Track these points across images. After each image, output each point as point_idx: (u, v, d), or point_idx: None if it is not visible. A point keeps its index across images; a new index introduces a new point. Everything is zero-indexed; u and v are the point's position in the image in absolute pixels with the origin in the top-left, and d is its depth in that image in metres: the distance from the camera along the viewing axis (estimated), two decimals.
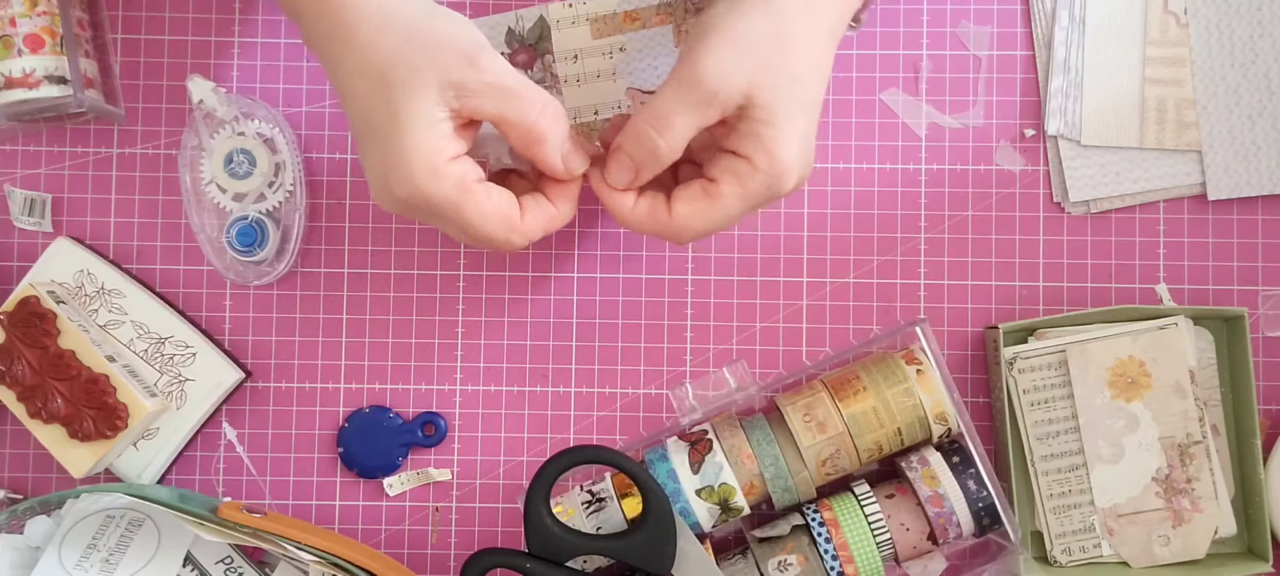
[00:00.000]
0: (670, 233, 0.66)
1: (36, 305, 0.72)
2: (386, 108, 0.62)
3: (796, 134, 0.64)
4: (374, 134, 0.63)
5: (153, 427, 0.75)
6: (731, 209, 0.64)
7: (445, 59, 0.62)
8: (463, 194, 0.62)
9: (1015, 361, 0.75)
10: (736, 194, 0.64)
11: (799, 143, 0.64)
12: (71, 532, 0.71)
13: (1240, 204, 0.77)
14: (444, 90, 0.61)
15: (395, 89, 0.61)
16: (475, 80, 0.62)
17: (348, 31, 0.62)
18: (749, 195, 0.64)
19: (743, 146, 0.63)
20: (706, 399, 0.73)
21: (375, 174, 0.63)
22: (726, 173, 0.64)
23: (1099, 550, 0.75)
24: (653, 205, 0.66)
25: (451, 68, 0.62)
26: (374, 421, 0.76)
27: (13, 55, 0.71)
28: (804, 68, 0.64)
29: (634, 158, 0.65)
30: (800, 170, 0.65)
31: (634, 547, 0.68)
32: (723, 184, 0.64)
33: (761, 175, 0.64)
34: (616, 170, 0.65)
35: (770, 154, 0.63)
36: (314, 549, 0.69)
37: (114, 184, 0.77)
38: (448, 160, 0.62)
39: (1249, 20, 0.77)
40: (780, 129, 0.63)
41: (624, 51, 0.77)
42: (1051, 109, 0.77)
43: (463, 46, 0.62)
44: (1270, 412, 0.77)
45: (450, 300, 0.77)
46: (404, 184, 0.62)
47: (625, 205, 0.66)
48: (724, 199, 0.64)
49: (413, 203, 0.63)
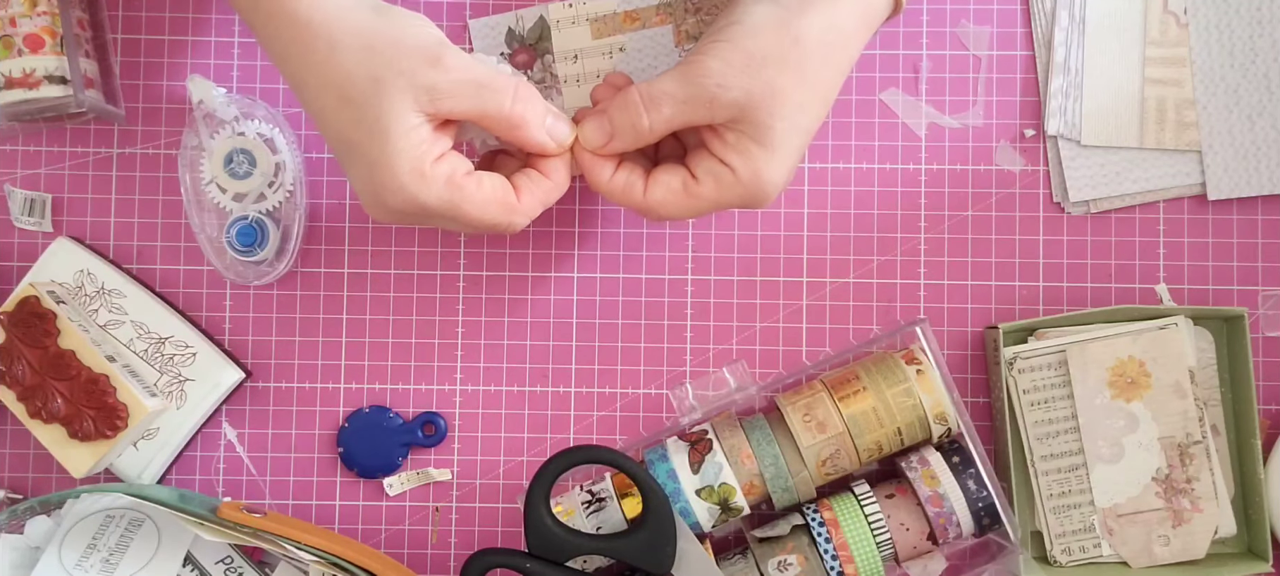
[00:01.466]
0: (641, 210, 0.66)
1: (36, 305, 0.72)
2: (359, 125, 0.61)
3: (786, 160, 0.64)
4: (353, 151, 0.62)
5: (153, 427, 0.75)
6: (704, 208, 0.65)
7: (409, 64, 0.61)
8: (455, 191, 0.62)
9: (1015, 361, 0.75)
10: (712, 197, 0.65)
11: (785, 168, 0.65)
12: (71, 532, 0.71)
13: (1240, 204, 0.77)
14: (417, 95, 0.61)
15: (364, 105, 0.61)
16: (445, 81, 0.61)
17: (302, 49, 0.61)
18: (725, 200, 0.65)
19: (729, 157, 0.64)
20: (706, 399, 0.73)
21: (364, 191, 0.63)
22: (708, 175, 0.65)
23: (1099, 550, 0.75)
24: (629, 181, 0.66)
25: (418, 72, 0.61)
26: (374, 421, 0.76)
27: (13, 55, 0.71)
28: (810, 99, 0.64)
29: (614, 123, 0.65)
30: (781, 189, 0.66)
31: (634, 547, 0.68)
32: (702, 185, 0.65)
33: (742, 188, 0.64)
34: (593, 129, 0.66)
35: (756, 172, 0.64)
36: (314, 549, 0.69)
37: (114, 184, 0.77)
38: (433, 161, 0.62)
39: (1249, 20, 0.77)
40: (771, 151, 0.63)
41: (624, 51, 0.77)
42: (1051, 109, 0.77)
43: (424, 47, 0.61)
44: (1270, 412, 0.77)
45: (450, 300, 0.77)
46: (395, 194, 0.61)
47: (604, 174, 0.66)
48: (700, 199, 0.65)
49: (407, 210, 0.62)
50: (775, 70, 0.62)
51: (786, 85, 0.63)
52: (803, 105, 0.63)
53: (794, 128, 0.64)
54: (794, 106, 0.63)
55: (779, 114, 0.63)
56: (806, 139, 0.65)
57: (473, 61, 0.63)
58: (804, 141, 0.65)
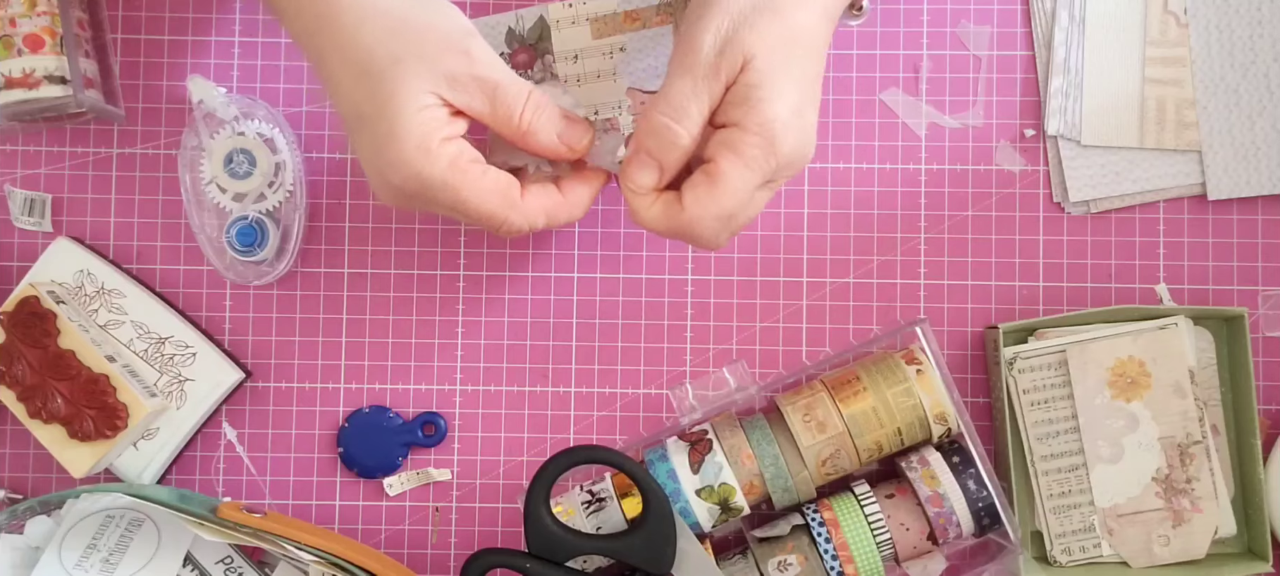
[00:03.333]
0: (687, 228, 0.64)
1: (36, 305, 0.72)
2: (373, 99, 0.62)
3: (786, 94, 0.62)
4: (364, 123, 0.63)
5: (153, 427, 0.75)
6: (736, 185, 0.63)
7: (434, 49, 0.62)
8: (457, 173, 0.62)
9: (1015, 361, 0.75)
10: (736, 166, 0.62)
11: (789, 103, 0.62)
12: (71, 532, 0.71)
13: (1240, 204, 0.77)
14: (434, 79, 0.62)
15: (380, 79, 0.61)
16: (464, 72, 0.62)
17: (328, 24, 0.62)
18: (749, 163, 0.62)
19: (731, 114, 0.63)
20: (706, 399, 0.73)
21: (370, 164, 0.63)
22: (720, 147, 0.63)
23: (1099, 550, 0.75)
24: (667, 205, 0.64)
25: (441, 58, 0.62)
26: (374, 421, 0.76)
27: (13, 55, 0.71)
28: (796, 35, 0.63)
29: (655, 153, 0.64)
30: (797, 136, 0.63)
31: (634, 547, 0.68)
32: (720, 160, 0.63)
33: (752, 137, 0.62)
34: (639, 171, 0.64)
35: (759, 115, 0.62)
36: (314, 549, 0.69)
37: (114, 184, 0.77)
38: (440, 140, 0.62)
39: (1249, 20, 0.77)
40: (770, 90, 0.62)
41: (624, 51, 0.77)
42: (1051, 109, 0.77)
43: (451, 36, 0.62)
44: (1270, 412, 0.77)
45: (450, 300, 0.77)
46: (398, 168, 0.62)
47: (644, 206, 0.65)
48: (725, 176, 0.62)
49: (408, 187, 0.62)
50: (757, 14, 0.62)
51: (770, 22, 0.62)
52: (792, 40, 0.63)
53: (790, 61, 0.63)
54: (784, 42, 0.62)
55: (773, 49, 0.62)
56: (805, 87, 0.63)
57: (497, 61, 0.64)
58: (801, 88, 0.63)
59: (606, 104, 0.77)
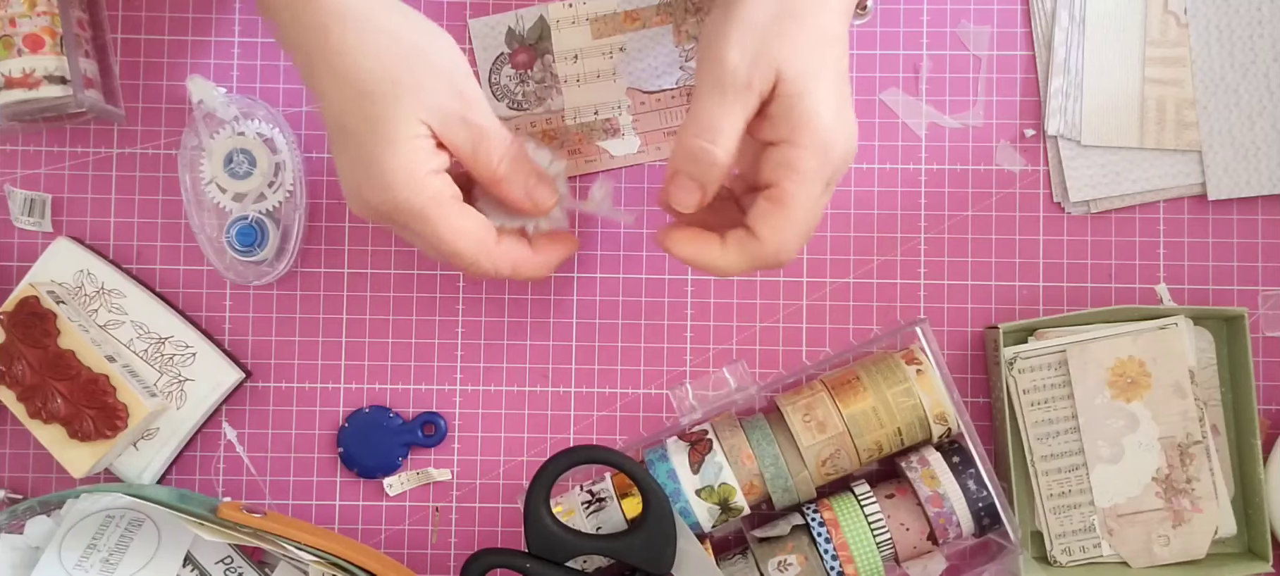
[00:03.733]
0: (774, 258, 0.64)
1: (36, 305, 0.72)
2: (365, 117, 0.62)
3: (828, 98, 0.63)
4: (350, 138, 0.63)
5: (153, 427, 0.75)
6: (802, 201, 0.63)
7: (432, 81, 0.63)
8: (437, 206, 0.63)
9: (1015, 361, 0.75)
10: (799, 184, 0.62)
11: (832, 106, 0.63)
12: (71, 532, 0.71)
13: (1240, 204, 0.77)
14: (428, 110, 0.62)
15: (374, 99, 0.62)
16: (457, 112, 0.63)
17: (325, 35, 0.62)
18: (808, 177, 0.62)
19: (780, 130, 0.62)
20: (706, 399, 0.73)
21: (348, 178, 0.64)
22: (778, 167, 0.63)
23: (1099, 550, 0.75)
24: (741, 245, 0.64)
25: (437, 91, 0.63)
26: (374, 421, 0.76)
27: (13, 55, 0.71)
28: (823, 37, 0.63)
29: (694, 176, 0.64)
30: (845, 136, 0.63)
31: (634, 547, 0.68)
32: (783, 182, 0.62)
33: (807, 150, 0.62)
34: (681, 193, 0.64)
35: (809, 128, 0.62)
36: (314, 549, 0.69)
37: (114, 184, 0.77)
38: (427, 172, 0.63)
39: (1249, 20, 0.77)
40: (813, 99, 0.62)
41: (624, 51, 0.77)
42: (1051, 109, 0.77)
43: (448, 73, 0.64)
44: (1270, 412, 0.77)
45: (450, 300, 0.77)
46: (379, 191, 0.62)
47: (718, 257, 0.65)
48: (792, 196, 0.62)
49: (385, 210, 0.63)
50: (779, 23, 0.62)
51: (794, 30, 0.62)
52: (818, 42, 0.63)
53: (822, 63, 0.63)
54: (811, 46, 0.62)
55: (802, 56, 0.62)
56: (838, 81, 0.63)
57: (486, 108, 0.65)
58: (835, 81, 0.63)
59: (606, 104, 0.77)
